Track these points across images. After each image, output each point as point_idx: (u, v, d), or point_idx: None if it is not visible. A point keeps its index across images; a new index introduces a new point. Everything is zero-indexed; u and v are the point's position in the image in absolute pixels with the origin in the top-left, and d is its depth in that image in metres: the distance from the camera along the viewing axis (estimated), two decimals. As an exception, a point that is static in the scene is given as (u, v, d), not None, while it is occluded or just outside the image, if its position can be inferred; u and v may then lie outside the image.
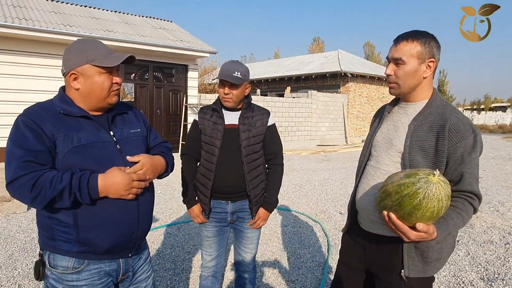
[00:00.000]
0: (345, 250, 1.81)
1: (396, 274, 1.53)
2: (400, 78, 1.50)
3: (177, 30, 12.46)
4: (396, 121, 1.60)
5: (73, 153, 1.32)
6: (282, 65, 22.46)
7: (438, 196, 1.19)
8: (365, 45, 48.80)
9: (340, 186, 7.09)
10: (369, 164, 1.67)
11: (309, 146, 15.02)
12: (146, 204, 1.52)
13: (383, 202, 1.31)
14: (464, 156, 1.39)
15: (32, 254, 3.56)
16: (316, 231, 4.47)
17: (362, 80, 17.58)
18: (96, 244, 1.37)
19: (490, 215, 5.25)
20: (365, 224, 1.65)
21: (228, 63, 2.14)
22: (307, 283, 3.14)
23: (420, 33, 1.48)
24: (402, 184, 1.23)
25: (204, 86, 17.74)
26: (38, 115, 1.33)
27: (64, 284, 1.38)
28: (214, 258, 2.28)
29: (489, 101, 37.02)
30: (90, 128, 1.40)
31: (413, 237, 1.29)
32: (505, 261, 3.63)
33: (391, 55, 1.51)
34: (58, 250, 1.37)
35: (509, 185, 7.49)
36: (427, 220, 1.25)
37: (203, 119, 2.21)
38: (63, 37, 8.59)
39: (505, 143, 17.72)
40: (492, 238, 4.30)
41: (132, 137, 1.54)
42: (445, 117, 1.43)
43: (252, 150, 2.18)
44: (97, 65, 1.37)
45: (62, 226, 1.34)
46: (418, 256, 1.49)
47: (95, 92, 1.39)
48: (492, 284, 3.12)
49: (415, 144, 1.46)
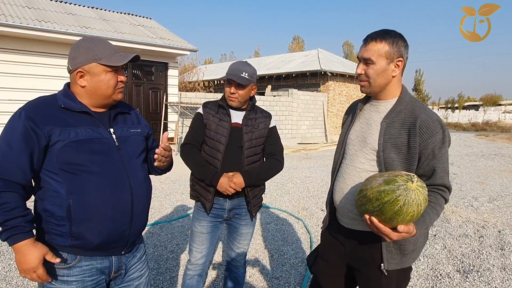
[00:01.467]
0: (325, 246, 1.84)
1: (376, 268, 1.58)
2: (370, 77, 1.54)
3: (157, 27, 12.29)
4: (368, 119, 1.64)
5: (68, 147, 1.34)
6: (262, 64, 22.50)
7: (418, 202, 1.25)
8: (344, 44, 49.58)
9: (321, 184, 7.18)
10: (344, 163, 1.70)
11: (290, 144, 15.12)
12: (141, 201, 1.52)
13: (364, 207, 1.36)
14: (435, 151, 1.46)
15: (8, 257, 3.44)
16: (298, 228, 4.52)
17: (342, 79, 17.84)
18: (88, 238, 1.37)
19: (465, 210, 5.44)
20: (344, 221, 1.69)
21: (237, 63, 2.15)
22: (291, 279, 3.17)
23: (388, 33, 1.51)
24: (382, 191, 1.27)
25: (184, 84, 17.56)
26: (37, 111, 1.36)
27: (55, 279, 1.39)
28: (204, 256, 2.26)
29: (463, 100, 38.24)
30: (89, 124, 1.42)
31: (395, 237, 1.34)
32: (480, 253, 3.77)
33: (361, 54, 1.55)
34: (51, 245, 1.37)
35: (482, 180, 7.78)
36: (407, 222, 1.31)
37: (208, 114, 2.18)
38: (37, 33, 8.32)
39: (477, 141, 18.36)
40: (467, 232, 4.46)
41: (132, 136, 1.56)
42: (415, 114, 1.49)
43: (254, 152, 2.20)
44: (104, 63, 1.41)
45: (56, 218, 1.35)
46: (396, 250, 1.55)
47: (101, 89, 1.43)
48: (467, 276, 3.24)
49: (388, 142, 1.51)
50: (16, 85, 8.56)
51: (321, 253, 1.87)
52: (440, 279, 3.20)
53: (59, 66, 9.11)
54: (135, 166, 1.53)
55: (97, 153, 1.39)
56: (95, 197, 1.37)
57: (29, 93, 8.71)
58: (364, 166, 1.58)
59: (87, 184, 1.36)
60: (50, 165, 1.36)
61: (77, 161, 1.35)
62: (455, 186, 7.02)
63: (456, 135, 20.76)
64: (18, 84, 8.59)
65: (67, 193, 1.34)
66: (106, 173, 1.41)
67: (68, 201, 1.34)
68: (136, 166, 1.54)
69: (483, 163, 10.48)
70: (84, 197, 1.35)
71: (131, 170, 1.49)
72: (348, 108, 1.88)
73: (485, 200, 6.05)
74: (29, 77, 8.72)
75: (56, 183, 1.35)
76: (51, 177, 1.36)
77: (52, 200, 1.35)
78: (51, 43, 8.94)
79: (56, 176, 1.35)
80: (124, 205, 1.44)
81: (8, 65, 8.47)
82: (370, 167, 1.57)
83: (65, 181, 1.35)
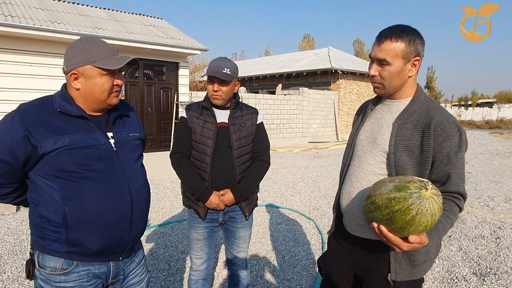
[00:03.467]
0: (331, 254, 1.77)
1: (383, 278, 1.48)
2: (385, 79, 1.43)
3: (167, 27, 12.33)
4: (380, 119, 1.54)
5: (63, 155, 1.29)
6: (273, 63, 22.43)
7: (432, 211, 1.14)
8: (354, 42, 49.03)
9: (332, 183, 7.11)
10: (352, 165, 1.61)
11: (301, 143, 15.04)
12: (140, 206, 1.48)
13: (372, 214, 1.26)
14: (450, 155, 1.35)
15: (21, 257, 3.49)
16: (310, 229, 4.48)
17: (353, 77, 17.66)
18: (85, 245, 1.34)
19: (481, 210, 5.32)
20: (350, 227, 1.60)
21: (217, 60, 2.07)
22: (303, 281, 3.13)
23: (404, 30, 1.38)
24: (393, 199, 1.16)
25: (195, 84, 17.63)
26: (32, 116, 1.31)
27: (52, 285, 1.35)
28: (205, 261, 2.23)
29: (476, 97, 37.48)
30: (85, 129, 1.37)
31: (405, 248, 1.24)
32: (497, 255, 3.68)
33: (375, 54, 1.43)
34: (47, 250, 1.34)
35: (498, 179, 7.61)
36: (420, 232, 1.21)
37: (192, 117, 2.12)
38: (50, 34, 8.42)
39: (492, 138, 18.00)
40: (483, 233, 4.35)
41: (130, 140, 1.51)
42: (430, 115, 1.39)
43: (244, 152, 2.14)
44: (98, 66, 1.34)
45: (52, 225, 1.31)
46: (405, 260, 1.45)
47: (95, 93, 1.37)
48: (485, 279, 3.16)
49: (400, 143, 1.41)
50: (29, 86, 8.67)
51: (327, 260, 1.79)
52: (456, 282, 3.12)
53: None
54: (134, 170, 1.49)
55: (94, 159, 1.34)
56: (94, 203, 1.33)
57: (42, 93, 8.82)
58: (372, 168, 1.49)
59: (84, 191, 1.32)
60: (43, 171, 1.31)
61: (72, 168, 1.30)
62: (469, 186, 6.88)
63: (470, 133, 20.39)
64: (32, 85, 8.70)
65: (62, 199, 1.30)
66: (104, 179, 1.36)
67: (64, 208, 1.30)
68: (135, 170, 1.49)
69: (498, 161, 10.26)
70: (81, 204, 1.31)
71: (130, 174, 1.44)
72: (359, 108, 1.79)
73: (501, 200, 5.91)
74: (43, 78, 8.83)
75: (51, 189, 1.31)
76: (45, 183, 1.32)
77: (47, 206, 1.31)
78: (64, 44, 9.04)
79: (50, 182, 1.31)
80: (123, 211, 1.40)
81: (22, 67, 8.59)
82: (379, 169, 1.47)
83: (60, 187, 1.30)
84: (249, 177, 2.15)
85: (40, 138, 1.28)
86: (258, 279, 3.15)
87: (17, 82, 8.55)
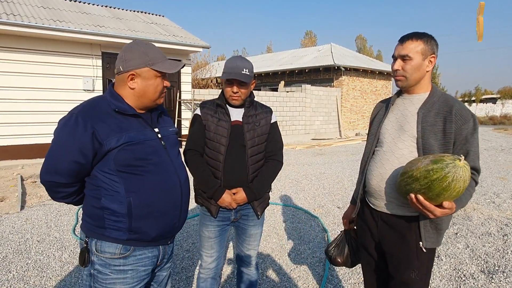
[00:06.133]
0: (362, 234, 1.97)
1: (413, 247, 1.70)
2: (408, 71, 1.71)
3: (169, 25, 12.30)
4: (403, 110, 1.79)
5: (124, 151, 1.41)
6: (275, 60, 22.36)
7: (464, 178, 1.38)
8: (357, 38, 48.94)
9: (336, 180, 7.08)
10: (379, 150, 1.83)
11: (304, 140, 15.01)
12: (187, 196, 1.64)
13: (410, 186, 1.48)
14: (468, 136, 1.64)
15: (26, 256, 3.48)
16: (315, 226, 4.45)
17: (355, 73, 17.58)
18: (146, 232, 1.47)
19: (487, 207, 5.28)
20: (379, 204, 1.79)
21: (234, 60, 2.03)
22: (309, 280, 3.11)
23: (422, 34, 1.72)
24: (431, 170, 1.39)
25: (198, 81, 17.58)
26: (92, 114, 1.42)
27: (111, 269, 1.46)
28: (215, 260, 2.21)
29: (480, 93, 37.26)
30: (139, 127, 1.50)
31: (439, 214, 1.49)
32: (504, 253, 3.64)
33: (398, 52, 1.72)
34: (107, 238, 1.45)
35: (503, 176, 7.55)
36: (452, 198, 1.44)
37: (206, 114, 2.10)
38: (52, 32, 8.40)
39: (496, 135, 17.89)
40: (490, 230, 4.31)
41: (171, 135, 1.66)
42: (450, 104, 1.67)
43: (257, 151, 2.12)
44: (156, 69, 1.48)
45: (115, 216, 1.43)
46: (432, 229, 1.69)
47: (149, 93, 1.50)
48: (493, 277, 3.12)
49: (426, 129, 1.67)
50: (31, 84, 8.67)
51: (360, 240, 2.01)
52: (464, 280, 3.09)
53: (75, 65, 9.21)
54: (180, 163, 1.64)
55: (151, 153, 1.48)
56: (152, 194, 1.47)
57: (45, 92, 8.84)
58: (402, 152, 1.72)
59: (145, 183, 1.45)
60: (107, 166, 1.42)
61: (133, 162, 1.43)
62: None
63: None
64: (33, 83, 8.70)
65: (126, 191, 1.42)
66: (160, 172, 1.50)
67: (129, 199, 1.42)
68: (181, 163, 1.64)
69: (503, 157, 10.18)
70: (144, 195, 1.45)
71: (178, 167, 1.60)
72: (378, 104, 2.04)
73: (507, 197, 5.86)
74: (44, 76, 8.83)
75: (114, 183, 1.42)
76: (108, 177, 1.43)
77: (111, 198, 1.42)
78: (66, 42, 9.03)
79: (113, 177, 1.42)
80: (176, 200, 1.55)
81: (24, 65, 8.58)
82: (408, 152, 1.71)
83: (123, 181, 1.42)
84: (262, 176, 2.14)
85: (104, 135, 1.39)
86: (264, 278, 3.13)
87: (19, 81, 8.54)
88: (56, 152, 1.40)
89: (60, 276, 3.12)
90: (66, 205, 5.21)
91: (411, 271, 1.71)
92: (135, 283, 1.49)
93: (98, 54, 9.62)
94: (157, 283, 1.69)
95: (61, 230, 4.24)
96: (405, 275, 1.73)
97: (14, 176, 7.02)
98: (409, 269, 1.72)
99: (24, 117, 8.64)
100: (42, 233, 4.10)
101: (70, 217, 4.69)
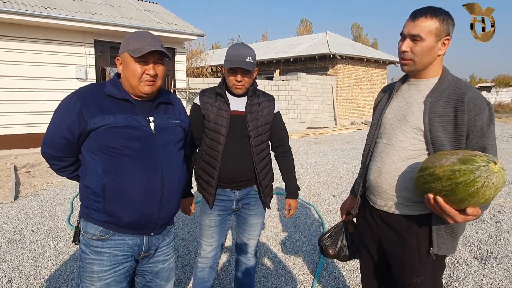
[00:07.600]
0: (362, 232, 1.83)
1: (409, 250, 1.52)
2: (417, 54, 1.48)
3: (163, 12, 12.11)
4: (408, 98, 1.58)
5: (107, 132, 1.45)
6: (270, 48, 22.18)
7: (497, 185, 1.16)
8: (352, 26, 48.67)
9: (332, 169, 7.10)
10: (380, 142, 1.65)
11: (299, 129, 15.00)
12: (171, 188, 1.58)
13: (429, 185, 1.28)
14: (483, 128, 1.41)
15: (21, 246, 3.47)
16: (310, 215, 4.47)
17: (351, 61, 17.51)
18: (119, 217, 1.49)
19: (480, 195, 5.32)
20: (377, 202, 1.63)
21: (237, 47, 1.97)
22: (304, 267, 3.13)
23: (438, 10, 1.46)
24: (457, 171, 1.18)
25: (192, 70, 17.43)
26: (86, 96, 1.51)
27: (91, 249, 1.52)
28: (214, 249, 2.20)
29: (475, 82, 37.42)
30: (129, 112, 1.52)
31: (460, 220, 1.29)
32: (497, 239, 3.68)
33: (408, 31, 1.47)
34: (90, 218, 1.52)
35: (497, 164, 7.61)
36: (479, 205, 1.23)
37: (206, 104, 2.05)
38: (43, 20, 8.24)
39: (491, 123, 17.98)
40: (483, 217, 4.35)
41: (171, 126, 1.64)
42: (461, 91, 1.45)
43: (261, 140, 2.09)
44: (130, 54, 1.51)
45: (94, 195, 1.48)
46: (447, 234, 1.48)
47: (129, 77, 1.52)
48: (486, 263, 3.17)
49: (435, 120, 1.46)
50: (23, 73, 8.54)
51: (361, 238, 1.85)
52: (457, 266, 3.13)
53: (67, 54, 9.06)
54: (170, 154, 1.60)
55: (133, 139, 1.49)
56: (127, 179, 1.47)
57: (37, 81, 8.71)
58: (403, 144, 1.53)
59: (121, 167, 1.47)
60: (91, 145, 1.49)
61: (113, 144, 1.46)
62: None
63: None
64: (26, 72, 8.56)
65: (103, 172, 1.46)
66: (140, 158, 1.50)
67: (103, 180, 1.46)
68: (171, 154, 1.61)
69: (498, 145, 10.24)
70: (118, 178, 1.46)
71: (165, 157, 1.56)
72: (382, 90, 1.83)
73: (500, 184, 5.92)
74: (36, 64, 8.68)
75: (95, 162, 1.48)
76: (91, 157, 1.49)
77: (91, 177, 1.49)
78: (58, 30, 8.87)
79: (95, 156, 1.48)
80: (154, 190, 1.52)
81: (15, 53, 8.43)
82: (409, 145, 1.52)
83: (102, 161, 1.47)
84: (288, 174, 2.28)
85: (90, 115, 1.45)
86: (259, 266, 3.15)
87: (10, 70, 8.40)
88: (51, 127, 1.52)
89: (55, 265, 3.11)
90: (60, 194, 5.18)
91: (415, 276, 1.53)
92: (111, 266, 1.52)
93: (91, 42, 9.46)
94: (152, 273, 1.69)
95: (56, 219, 4.22)
96: (409, 280, 1.55)
97: (8, 166, 6.96)
98: (413, 274, 1.54)
99: (17, 106, 8.53)
100: (36, 223, 4.08)
101: (65, 207, 4.67)
